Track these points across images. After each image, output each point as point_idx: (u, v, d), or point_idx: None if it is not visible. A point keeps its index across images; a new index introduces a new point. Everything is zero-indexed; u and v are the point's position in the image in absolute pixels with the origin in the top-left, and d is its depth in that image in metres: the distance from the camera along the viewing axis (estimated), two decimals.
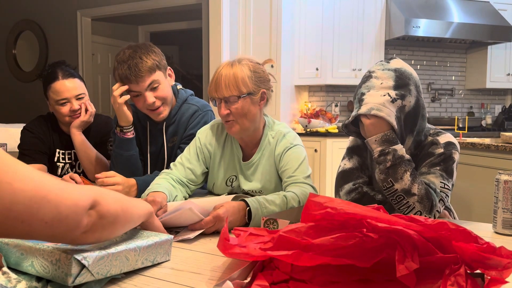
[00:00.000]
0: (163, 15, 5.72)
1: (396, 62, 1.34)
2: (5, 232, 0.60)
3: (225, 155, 1.56)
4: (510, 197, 1.10)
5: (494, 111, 5.01)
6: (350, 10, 4.20)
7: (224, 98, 1.40)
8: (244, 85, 1.39)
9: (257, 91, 1.42)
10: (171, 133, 1.79)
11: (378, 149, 1.23)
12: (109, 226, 0.74)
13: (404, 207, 1.19)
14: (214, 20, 3.80)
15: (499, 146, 2.70)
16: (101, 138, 2.02)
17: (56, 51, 5.43)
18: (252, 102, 1.42)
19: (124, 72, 1.62)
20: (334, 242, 0.72)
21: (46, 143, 1.95)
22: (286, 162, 1.45)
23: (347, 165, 1.38)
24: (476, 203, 2.80)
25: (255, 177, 1.52)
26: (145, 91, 1.65)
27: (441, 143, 1.29)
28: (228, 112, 1.41)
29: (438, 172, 1.24)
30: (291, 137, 1.50)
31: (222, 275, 0.84)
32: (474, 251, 0.70)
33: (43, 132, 1.96)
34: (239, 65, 1.41)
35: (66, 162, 1.98)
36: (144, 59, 1.63)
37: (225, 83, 1.39)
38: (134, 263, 0.83)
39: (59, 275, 0.73)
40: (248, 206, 1.19)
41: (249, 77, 1.40)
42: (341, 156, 1.46)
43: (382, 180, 1.22)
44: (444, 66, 4.86)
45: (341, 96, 4.65)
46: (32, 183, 0.59)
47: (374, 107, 1.22)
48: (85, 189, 0.70)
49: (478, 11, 4.40)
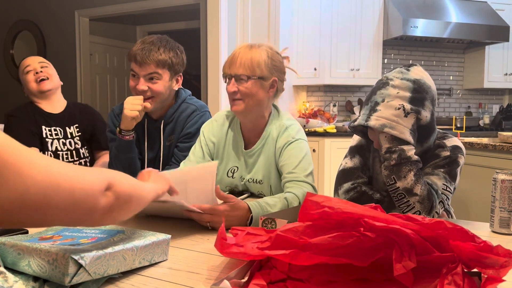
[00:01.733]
0: (161, 15, 5.72)
1: (416, 71, 1.28)
2: (20, 221, 0.59)
3: (228, 144, 1.57)
4: (507, 196, 1.11)
5: (492, 110, 5.02)
6: (348, 10, 4.20)
7: (235, 75, 1.42)
8: (258, 68, 1.41)
9: (269, 78, 1.44)
10: (169, 132, 1.79)
11: (386, 146, 1.23)
12: (125, 206, 0.74)
13: (404, 205, 1.20)
14: (212, 20, 3.80)
15: (496, 145, 2.71)
16: (93, 127, 2.17)
17: (54, 51, 5.42)
18: (262, 86, 1.44)
19: (136, 50, 1.66)
20: (331, 242, 0.72)
21: (32, 121, 2.06)
22: (287, 157, 1.43)
23: (348, 164, 1.38)
24: (473, 202, 2.80)
25: (256, 167, 1.52)
26: (142, 77, 1.68)
27: (447, 146, 1.29)
28: (235, 90, 1.43)
29: (442, 174, 1.25)
30: (294, 130, 1.48)
31: (219, 274, 0.84)
32: (471, 250, 0.70)
33: (27, 112, 2.08)
34: (258, 49, 1.43)
35: (54, 138, 2.07)
36: (160, 52, 1.66)
37: (240, 61, 1.41)
38: (131, 262, 0.83)
39: (56, 275, 0.73)
40: (251, 212, 1.18)
41: (265, 62, 1.42)
42: (339, 156, 1.46)
43: (386, 176, 1.23)
44: (442, 66, 4.86)
45: (339, 96, 4.65)
46: (44, 171, 0.58)
47: (387, 124, 1.21)
48: (98, 172, 0.70)
49: (476, 11, 4.41)
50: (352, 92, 4.69)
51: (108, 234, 0.91)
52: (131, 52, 1.68)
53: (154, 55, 1.65)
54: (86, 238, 0.87)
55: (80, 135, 2.13)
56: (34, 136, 2.03)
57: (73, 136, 2.11)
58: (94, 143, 2.17)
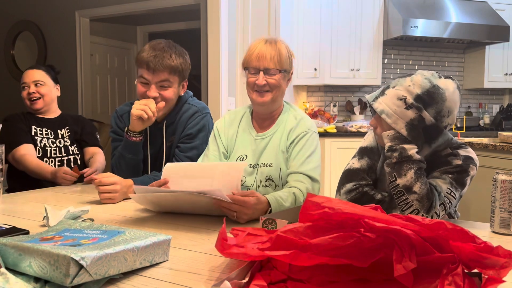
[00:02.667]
0: (161, 15, 5.72)
1: (445, 82, 1.26)
2: None
3: (239, 134, 1.63)
4: (507, 196, 1.11)
5: (492, 110, 5.02)
6: (348, 10, 4.21)
7: (265, 69, 1.51)
8: (285, 62, 1.53)
9: (289, 70, 1.57)
10: (170, 133, 1.79)
11: (388, 144, 1.26)
12: None
13: (403, 203, 1.21)
14: (212, 20, 3.80)
15: (497, 145, 2.71)
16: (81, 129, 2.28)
17: (55, 51, 5.42)
18: (284, 79, 1.56)
19: (148, 58, 1.65)
20: (331, 242, 0.72)
21: (25, 122, 2.18)
22: (299, 149, 1.51)
23: (355, 164, 1.39)
24: (474, 202, 2.80)
25: (267, 150, 1.57)
26: (154, 84, 1.68)
27: (460, 155, 1.29)
28: (265, 83, 1.52)
29: (448, 179, 1.25)
30: (309, 122, 1.59)
31: (220, 275, 0.84)
32: (472, 251, 0.70)
33: (20, 117, 2.21)
34: (281, 44, 1.55)
35: (44, 136, 2.19)
36: (172, 58, 1.67)
37: (270, 56, 1.51)
38: (132, 263, 0.83)
39: (57, 276, 0.73)
40: (270, 205, 1.29)
41: (286, 56, 1.54)
42: (339, 156, 1.48)
43: (388, 173, 1.25)
44: (442, 66, 4.86)
45: (339, 96, 4.65)
46: None
47: (385, 111, 1.25)
48: None
49: (475, 11, 4.41)
50: (352, 92, 4.69)
51: (109, 234, 0.91)
52: (141, 58, 1.66)
53: (167, 62, 1.65)
54: (87, 239, 0.87)
55: (70, 134, 2.25)
56: (26, 134, 2.15)
57: (63, 137, 2.23)
58: (82, 142, 2.29)
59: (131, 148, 1.71)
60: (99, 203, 1.51)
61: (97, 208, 1.44)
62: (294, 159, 1.50)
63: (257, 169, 1.56)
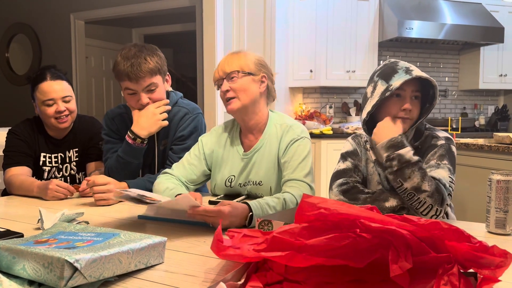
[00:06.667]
0: (157, 17, 5.71)
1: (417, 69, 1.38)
2: None
3: (226, 151, 1.59)
4: (502, 196, 1.11)
5: (487, 111, 5.04)
6: (343, 12, 4.22)
7: (225, 74, 1.47)
8: (245, 65, 1.48)
9: (258, 73, 1.50)
10: (162, 137, 1.79)
11: (385, 155, 1.29)
12: None
13: (416, 202, 1.23)
14: (208, 23, 3.80)
15: (492, 146, 2.72)
16: (89, 141, 2.00)
17: (50, 54, 5.40)
18: (253, 81, 1.49)
19: (126, 69, 1.63)
20: (327, 243, 0.72)
21: (32, 146, 1.93)
22: (291, 156, 1.47)
23: (341, 166, 1.43)
24: (469, 203, 2.81)
25: (256, 168, 1.53)
26: (142, 91, 1.67)
27: (440, 137, 1.37)
28: (228, 88, 1.47)
29: (447, 167, 1.29)
30: (299, 128, 1.53)
31: (216, 277, 0.84)
32: (467, 251, 0.70)
33: (29, 134, 1.93)
34: (247, 52, 1.53)
35: (53, 166, 1.96)
36: (148, 61, 1.65)
37: (227, 62, 1.49)
38: (127, 265, 0.83)
39: (51, 279, 0.72)
40: (251, 211, 1.20)
41: (251, 60, 1.50)
42: (335, 157, 1.49)
43: (392, 180, 1.27)
44: (437, 68, 4.88)
45: (335, 98, 4.66)
46: None
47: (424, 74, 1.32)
48: None
49: (470, 12, 4.43)
50: (348, 94, 4.70)
51: (104, 237, 0.90)
52: (119, 71, 1.64)
53: (145, 66, 1.63)
54: (81, 241, 0.87)
55: (78, 160, 2.01)
56: (25, 157, 1.90)
57: (71, 161, 2.00)
58: (87, 158, 2.03)
59: (134, 153, 1.71)
60: (94, 206, 1.51)
61: (91, 211, 1.44)
62: (287, 168, 1.46)
63: (246, 188, 1.55)
